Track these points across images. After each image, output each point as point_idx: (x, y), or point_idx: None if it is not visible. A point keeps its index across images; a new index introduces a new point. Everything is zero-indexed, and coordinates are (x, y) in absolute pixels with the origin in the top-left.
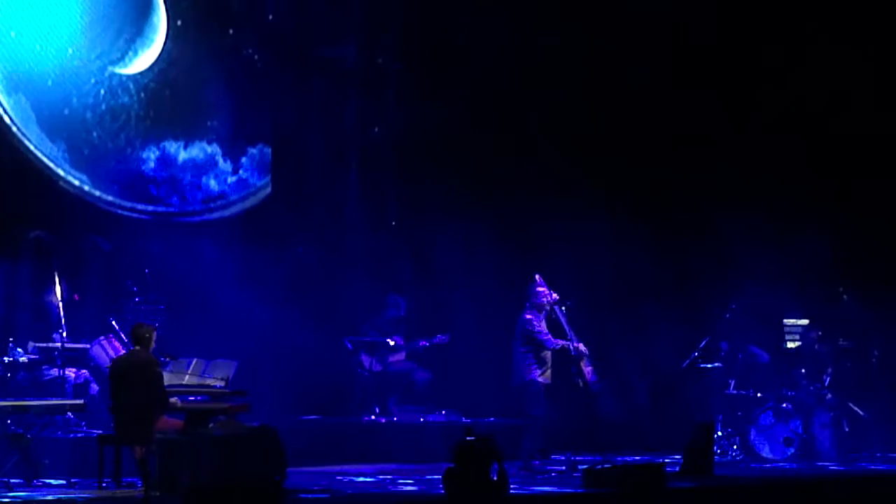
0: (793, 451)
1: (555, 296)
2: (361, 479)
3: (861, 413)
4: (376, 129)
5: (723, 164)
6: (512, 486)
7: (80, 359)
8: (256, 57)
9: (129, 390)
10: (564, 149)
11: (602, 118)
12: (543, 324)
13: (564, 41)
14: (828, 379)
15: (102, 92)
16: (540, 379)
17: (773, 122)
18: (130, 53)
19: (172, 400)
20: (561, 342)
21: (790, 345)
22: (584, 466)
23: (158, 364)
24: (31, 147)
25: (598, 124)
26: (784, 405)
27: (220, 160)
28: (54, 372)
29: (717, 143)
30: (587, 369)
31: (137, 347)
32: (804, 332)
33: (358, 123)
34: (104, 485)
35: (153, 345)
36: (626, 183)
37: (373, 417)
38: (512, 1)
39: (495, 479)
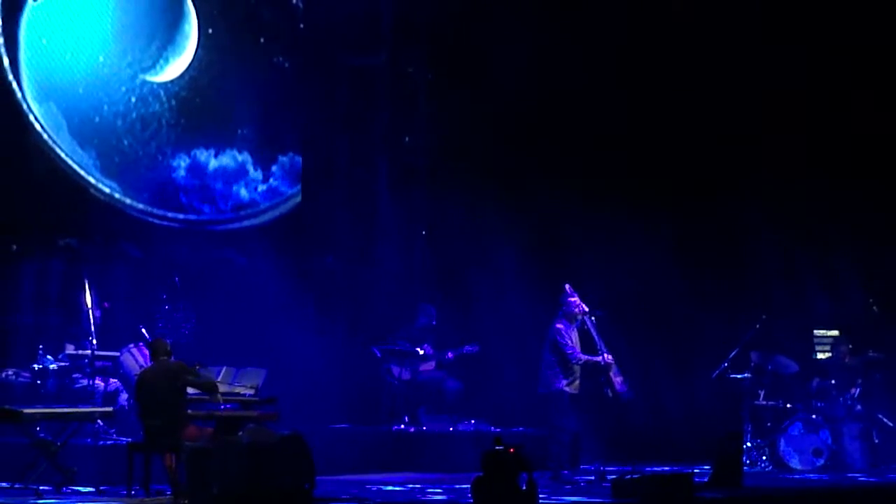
0: (822, 462)
1: (585, 308)
2: (390, 487)
3: (891, 424)
4: (406, 139)
5: (755, 174)
6: (541, 495)
7: (110, 367)
8: (287, 65)
9: (159, 399)
10: (595, 159)
11: (633, 128)
12: (574, 334)
13: (595, 50)
14: (857, 390)
15: (133, 100)
16: (567, 389)
17: (808, 131)
18: (161, 61)
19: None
20: (585, 357)
21: (820, 356)
22: (613, 476)
23: (187, 369)
24: (62, 155)
25: (628, 134)
26: (813, 416)
27: (251, 168)
28: (84, 380)
29: (749, 152)
30: (617, 379)
31: (163, 357)
32: (834, 344)
33: (388, 132)
34: (133, 492)
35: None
36: (656, 194)
37: (402, 426)
38: (543, 10)
39: (524, 488)
